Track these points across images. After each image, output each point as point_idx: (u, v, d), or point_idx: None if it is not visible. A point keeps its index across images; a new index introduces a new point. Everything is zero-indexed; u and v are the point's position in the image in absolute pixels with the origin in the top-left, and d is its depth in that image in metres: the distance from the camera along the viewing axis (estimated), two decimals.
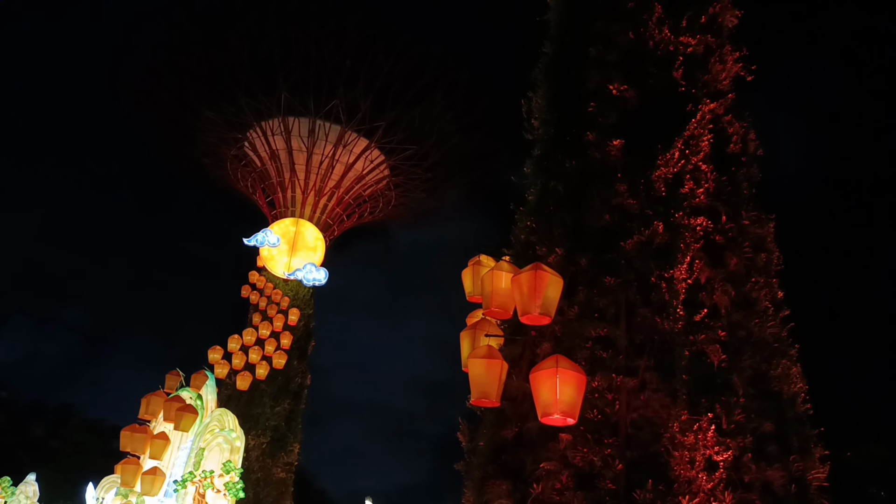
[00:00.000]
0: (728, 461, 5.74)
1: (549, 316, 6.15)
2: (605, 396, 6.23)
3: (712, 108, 7.82)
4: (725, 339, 6.51)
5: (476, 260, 8.34)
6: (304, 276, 32.02)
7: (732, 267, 7.02)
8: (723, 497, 5.56)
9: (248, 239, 31.85)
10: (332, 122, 32.85)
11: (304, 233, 33.01)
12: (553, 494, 6.06)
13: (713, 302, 6.68)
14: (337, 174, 33.89)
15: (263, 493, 27.56)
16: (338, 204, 34.59)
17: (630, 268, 6.83)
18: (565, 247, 7.28)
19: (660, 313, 6.50)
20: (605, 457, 5.97)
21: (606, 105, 7.96)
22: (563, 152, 8.09)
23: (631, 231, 6.98)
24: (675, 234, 6.91)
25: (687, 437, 5.80)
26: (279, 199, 34.26)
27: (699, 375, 6.25)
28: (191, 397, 20.61)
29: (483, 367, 6.66)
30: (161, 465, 19.23)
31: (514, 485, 6.56)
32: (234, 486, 20.15)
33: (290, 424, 30.07)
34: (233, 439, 21.00)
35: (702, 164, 7.39)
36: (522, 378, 6.74)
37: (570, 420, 5.72)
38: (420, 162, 34.57)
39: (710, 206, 7.26)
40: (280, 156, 33.68)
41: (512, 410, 7.00)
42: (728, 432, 5.94)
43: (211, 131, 33.55)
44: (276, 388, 29.83)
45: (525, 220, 8.23)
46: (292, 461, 29.89)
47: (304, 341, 31.96)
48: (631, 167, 7.41)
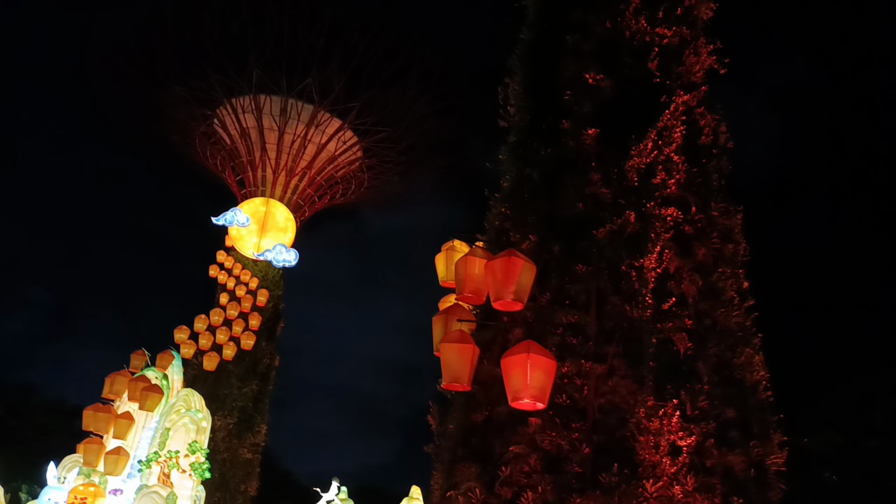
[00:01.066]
0: (691, 446, 5.91)
1: (521, 302, 6.21)
2: (575, 382, 6.34)
3: (685, 99, 7.93)
4: (692, 328, 6.66)
5: (450, 245, 8.37)
6: (274, 256, 31.71)
7: (700, 257, 7.17)
8: (685, 481, 5.73)
9: (216, 218, 31.37)
10: (305, 101, 32.41)
11: (275, 213, 32.64)
12: (521, 477, 6.17)
13: (681, 291, 6.82)
14: (309, 154, 33.51)
15: (230, 473, 27.46)
16: (309, 185, 34.24)
17: (602, 256, 6.93)
18: (539, 234, 7.34)
19: (629, 301, 6.62)
20: (572, 441, 6.09)
21: (582, 94, 8.01)
22: (539, 140, 8.13)
23: (603, 220, 7.07)
24: (646, 223, 7.03)
25: (652, 423, 5.94)
26: (249, 178, 33.77)
27: (666, 362, 6.39)
28: (156, 377, 20.35)
29: (455, 351, 6.71)
30: (125, 444, 18.97)
31: (483, 468, 6.66)
32: (200, 467, 20.02)
33: (257, 405, 29.92)
34: (199, 420, 20.83)
35: (674, 155, 7.50)
36: (493, 363, 6.81)
37: (539, 405, 5.81)
38: (393, 145, 34.35)
39: (681, 197, 7.38)
40: (251, 134, 33.15)
41: (482, 395, 7.08)
42: (692, 418, 6.11)
43: (180, 108, 32.82)
44: (243, 369, 29.61)
45: (499, 206, 8.28)
46: (259, 442, 29.78)
47: (272, 322, 31.73)
48: (605, 156, 7.49)
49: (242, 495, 28.35)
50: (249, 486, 28.89)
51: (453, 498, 6.79)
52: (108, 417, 18.53)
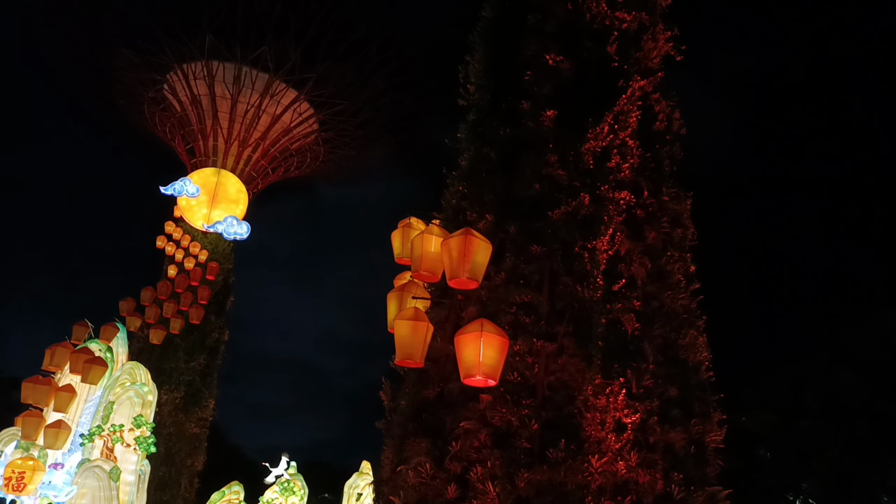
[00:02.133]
0: (636, 423, 6.10)
1: (476, 281, 6.26)
2: (526, 360, 6.45)
3: (642, 85, 8.05)
4: (640, 309, 6.85)
5: (406, 222, 8.34)
6: (225, 229, 31.01)
7: (651, 240, 7.34)
8: (629, 457, 5.92)
9: (165, 188, 30.42)
10: (260, 70, 31.54)
11: (226, 184, 31.83)
12: (471, 452, 6.27)
13: (631, 273, 6.99)
14: (263, 125, 32.72)
15: (176, 447, 27.04)
16: (263, 156, 33.48)
17: (556, 237, 7.03)
18: (495, 213, 7.39)
19: (581, 282, 6.74)
20: (522, 417, 6.21)
21: (542, 75, 8.05)
22: (498, 119, 8.15)
23: (559, 201, 7.16)
24: (600, 206, 7.15)
25: (599, 400, 6.11)
26: (200, 147, 32.79)
27: (613, 342, 6.56)
28: (100, 349, 19.79)
29: (409, 328, 6.73)
30: (66, 418, 18.45)
31: (433, 443, 6.73)
32: (145, 441, 19.64)
33: (205, 380, 29.44)
34: (144, 393, 20.38)
35: (629, 140, 7.63)
36: (447, 340, 6.86)
37: (491, 382, 5.90)
38: (350, 118, 33.83)
39: (634, 181, 7.53)
40: (202, 102, 32.13)
41: (435, 371, 7.14)
42: (637, 396, 6.30)
43: (128, 72, 31.52)
44: (191, 342, 29.03)
45: (457, 184, 8.28)
46: (207, 417, 29.37)
47: (222, 296, 31.14)
48: (562, 138, 7.56)
49: (189, 470, 27.96)
50: (196, 461, 28.52)
51: (403, 472, 6.86)
52: (48, 390, 17.95)
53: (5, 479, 16.57)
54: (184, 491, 27.50)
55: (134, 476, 19.47)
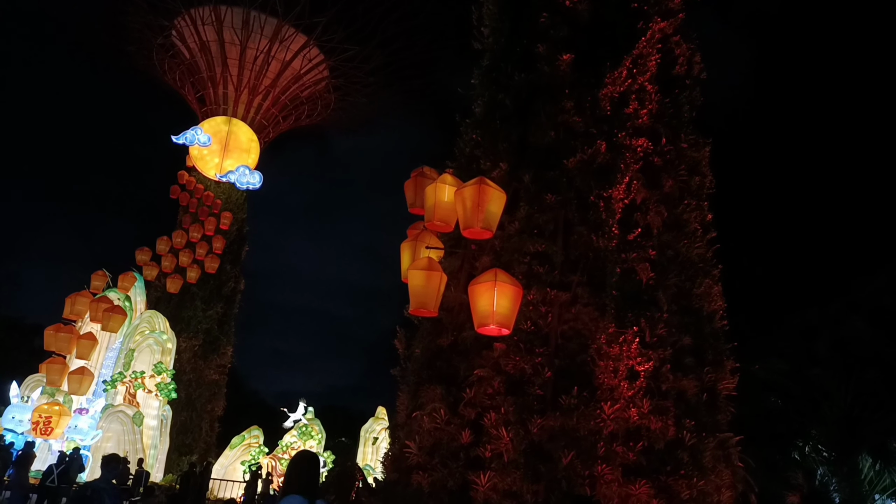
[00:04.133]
0: (648, 371, 6.12)
1: (490, 230, 6.21)
2: (539, 309, 6.45)
3: (662, 27, 7.76)
4: (655, 258, 6.78)
5: (419, 171, 8.23)
6: (238, 178, 31.02)
7: (667, 189, 7.21)
8: (641, 404, 5.97)
9: (176, 137, 30.34)
10: (269, 14, 30.92)
11: (238, 133, 31.66)
12: (485, 399, 6.35)
13: (646, 222, 6.89)
14: (273, 72, 32.26)
15: (196, 393, 27.81)
16: (273, 104, 33.15)
17: (571, 186, 6.92)
18: (509, 162, 7.27)
19: (595, 231, 6.67)
20: (535, 365, 6.25)
21: (558, 17, 7.78)
22: (512, 64, 7.93)
23: (574, 149, 7.02)
24: (617, 154, 7.00)
25: (612, 349, 6.12)
26: (210, 95, 32.49)
27: (628, 291, 6.53)
28: (119, 298, 20.18)
29: (422, 278, 6.73)
30: (89, 365, 18.97)
31: (447, 389, 6.82)
32: (165, 387, 20.23)
33: (222, 328, 30.01)
34: (164, 341, 20.85)
35: (647, 85, 7.41)
36: (460, 290, 6.86)
37: (504, 330, 5.92)
38: (361, 65, 33.26)
39: (652, 128, 7.34)
40: (211, 48, 31.66)
41: (448, 320, 7.17)
42: (650, 344, 6.30)
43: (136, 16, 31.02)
44: (208, 291, 29.49)
45: (470, 132, 8.13)
46: (225, 363, 30.07)
47: (237, 245, 31.43)
48: (579, 84, 7.35)
49: (209, 415, 28.83)
50: (216, 406, 29.36)
51: (418, 418, 6.98)
52: (69, 338, 18.40)
53: (33, 424, 17.18)
54: (205, 435, 28.41)
55: (156, 421, 20.13)
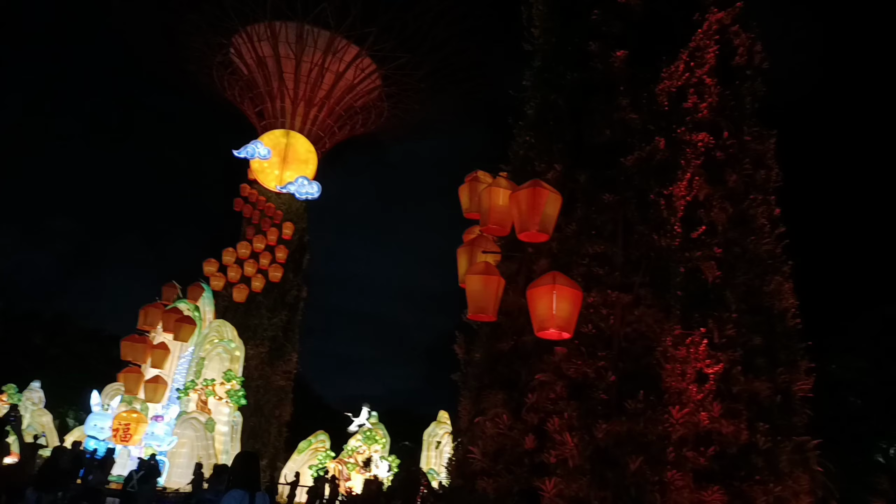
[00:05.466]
0: (718, 373, 5.92)
1: (547, 233, 6.14)
2: (600, 311, 6.33)
3: (720, 17, 7.52)
4: (721, 256, 6.55)
5: (473, 176, 8.23)
6: (297, 189, 31.79)
7: (731, 184, 6.97)
8: (711, 407, 5.77)
9: (238, 151, 31.33)
10: (322, 27, 31.58)
11: (296, 145, 32.46)
12: (547, 404, 6.27)
13: (711, 219, 6.68)
14: (327, 83, 32.92)
15: (264, 399, 28.57)
16: (329, 115, 33.81)
17: (629, 184, 6.77)
18: (564, 163, 7.18)
19: (657, 230, 6.50)
20: (598, 368, 6.13)
21: (610, 13, 7.64)
22: (565, 63, 7.83)
23: (632, 147, 6.87)
24: (676, 149, 6.82)
25: (679, 351, 5.94)
26: (268, 109, 33.42)
27: (693, 291, 6.33)
28: (188, 309, 20.96)
29: (480, 283, 6.72)
30: (163, 373, 19.79)
31: (509, 394, 6.78)
32: (235, 394, 20.89)
33: (287, 334, 30.79)
34: (232, 349, 21.53)
35: (706, 78, 7.19)
36: (519, 293, 6.81)
37: (565, 334, 5.84)
38: (413, 71, 33.55)
39: (713, 122, 7.12)
40: (267, 63, 32.56)
41: (508, 324, 7.12)
42: (719, 346, 6.09)
43: (196, 36, 32.23)
44: (272, 299, 30.32)
45: (524, 134, 8.08)
46: (291, 369, 30.82)
47: (298, 254, 32.19)
48: (634, 80, 7.20)
49: (277, 420, 29.61)
50: (283, 412, 30.12)
51: (481, 423, 6.96)
52: (144, 348, 19.25)
53: (113, 431, 18.04)
54: (273, 440, 29.18)
55: (227, 427, 20.81)
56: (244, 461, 5.25)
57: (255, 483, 5.11)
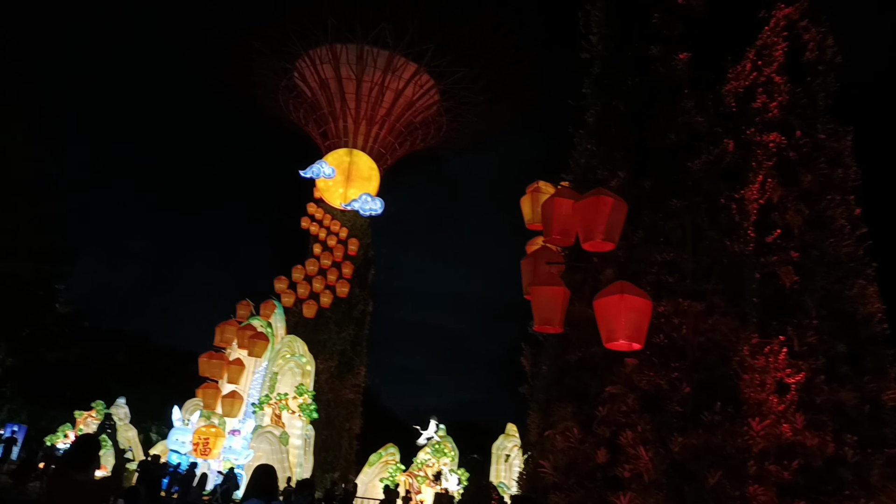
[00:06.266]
0: (800, 383, 5.67)
1: (612, 242, 6.04)
2: (672, 320, 6.17)
3: (787, 13, 7.27)
4: (798, 260, 6.29)
5: (534, 187, 8.20)
6: (361, 206, 32.44)
7: (806, 184, 6.70)
8: (794, 418, 5.53)
9: (304, 171, 32.27)
10: (381, 47, 32.23)
11: (358, 163, 33.17)
12: (619, 416, 6.14)
13: (785, 222, 6.43)
14: (387, 101, 33.54)
15: (334, 412, 29.12)
16: (390, 132, 34.41)
17: (698, 189, 6.59)
18: (628, 169, 7.07)
19: (729, 235, 6.30)
20: (671, 380, 5.97)
21: (671, 16, 7.50)
22: (625, 69, 7.73)
23: (699, 150, 6.70)
24: (746, 151, 6.61)
25: (757, 360, 5.73)
26: (331, 129, 34.31)
27: (770, 298, 6.10)
28: (261, 325, 21.64)
29: (545, 294, 6.67)
30: (239, 389, 20.49)
31: (579, 407, 6.67)
32: (307, 408, 21.39)
33: (355, 348, 31.34)
34: (303, 364, 22.08)
35: (775, 76, 6.96)
36: (585, 304, 6.72)
37: (635, 345, 5.70)
38: (471, 85, 33.77)
39: (784, 121, 6.87)
40: (330, 84, 33.47)
41: (575, 336, 7.03)
42: (800, 354, 5.84)
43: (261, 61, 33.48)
44: (340, 314, 30.96)
45: (584, 142, 8.00)
46: (359, 383, 31.33)
47: (364, 269, 32.78)
48: (698, 82, 7.03)
49: (347, 433, 30.12)
50: (353, 425, 30.61)
51: (551, 437, 6.88)
52: (221, 364, 20.01)
53: (194, 445, 18.76)
54: (345, 452, 29.67)
55: (301, 440, 21.32)
56: (262, 474, 5.51)
57: (272, 493, 5.39)
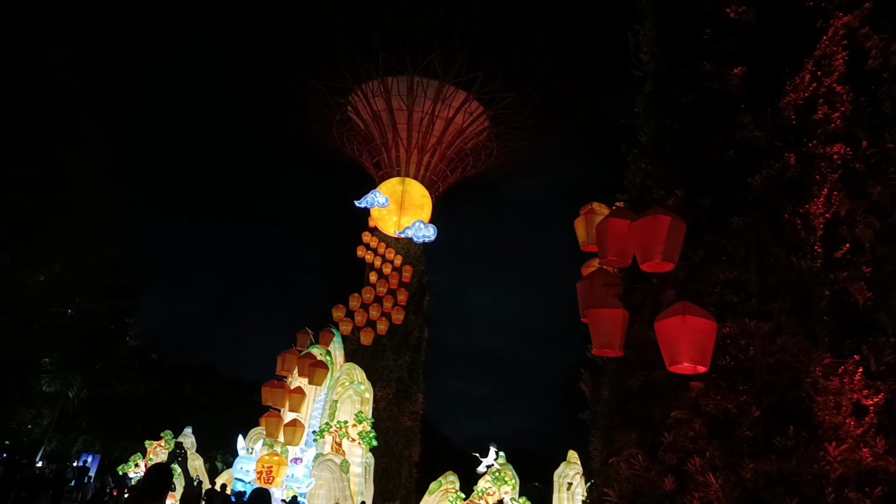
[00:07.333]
0: (879, 405, 5.37)
1: (672, 262, 5.91)
2: (738, 342, 5.96)
3: (846, 21, 7.05)
4: (870, 275, 6.00)
5: (588, 208, 8.14)
6: (414, 233, 32.78)
7: (876, 196, 6.41)
8: (874, 443, 5.23)
9: (358, 201, 32.90)
10: (430, 77, 32.80)
11: (411, 191, 33.62)
12: (686, 443, 5.94)
13: (855, 236, 6.16)
14: (438, 130, 34.01)
15: (393, 440, 29.13)
16: (441, 160, 34.80)
17: (759, 205, 6.40)
18: (685, 188, 6.93)
19: (795, 252, 6.07)
20: (740, 403, 5.75)
21: (723, 31, 7.38)
22: (678, 86, 7.63)
23: (758, 166, 6.51)
24: (809, 165, 6.39)
25: (831, 382, 5.46)
26: (384, 159, 34.96)
27: (842, 316, 5.82)
28: (321, 353, 21.95)
29: (603, 317, 6.56)
30: (300, 417, 20.76)
31: (642, 433, 6.49)
32: (367, 435, 21.48)
33: (412, 375, 31.39)
34: (362, 391, 22.24)
35: (836, 86, 6.73)
36: (645, 326, 6.58)
37: (700, 368, 5.53)
38: (520, 110, 33.92)
39: (848, 131, 6.62)
40: (382, 116, 34.20)
41: (636, 359, 6.87)
42: (877, 374, 5.54)
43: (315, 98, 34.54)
44: (396, 341, 31.14)
45: (639, 162, 7.90)
46: (417, 410, 31.30)
47: (418, 296, 32.96)
48: (755, 96, 6.87)
49: (407, 461, 30.04)
50: (412, 452, 30.53)
51: (615, 464, 6.70)
52: (282, 393, 20.34)
53: (257, 473, 19.05)
54: (404, 481, 29.56)
55: (361, 468, 21.38)
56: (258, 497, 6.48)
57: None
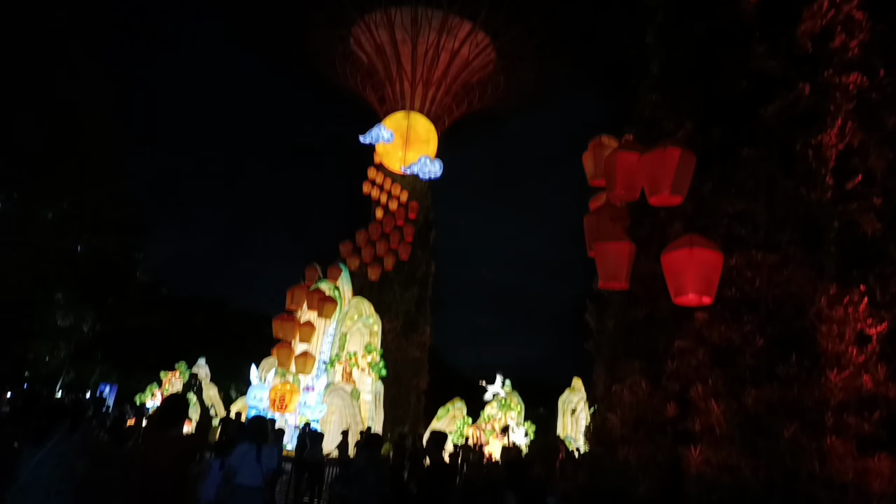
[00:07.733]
0: (882, 333, 5.46)
1: (681, 195, 5.93)
2: (744, 273, 6.03)
3: None
4: (881, 207, 5.99)
5: (597, 141, 8.05)
6: (420, 168, 32.54)
7: (891, 127, 6.30)
8: (875, 370, 5.35)
9: (363, 137, 32.51)
10: (435, 7, 31.78)
11: (416, 125, 33.14)
12: (689, 371, 6.10)
13: (867, 167, 6.10)
14: (443, 63, 33.21)
15: (402, 370, 29.89)
16: (446, 93, 34.14)
17: (771, 137, 6.33)
18: (695, 119, 6.85)
19: (805, 184, 6.05)
20: (744, 333, 5.87)
21: None
22: (690, 15, 7.43)
23: (771, 96, 6.41)
24: (823, 95, 6.27)
25: (836, 311, 5.55)
26: (388, 93, 34.30)
27: (850, 247, 5.85)
28: (329, 288, 22.27)
29: (610, 250, 6.63)
30: (310, 348, 21.30)
31: (646, 363, 6.66)
32: (376, 365, 22.08)
33: (419, 308, 31.90)
34: (370, 324, 22.70)
35: (855, 12, 6.53)
36: (652, 259, 6.64)
37: (706, 299, 5.63)
38: (526, 41, 32.96)
39: (865, 60, 6.46)
40: (385, 49, 33.34)
41: (641, 292, 6.97)
42: (882, 304, 5.60)
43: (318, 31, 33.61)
44: (403, 276, 31.50)
45: (649, 94, 7.78)
46: (425, 341, 31.97)
47: (425, 232, 33.08)
48: (769, 25, 6.69)
49: (415, 389, 30.95)
50: (420, 381, 31.40)
51: (618, 391, 6.91)
52: (293, 326, 20.77)
53: (271, 401, 19.69)
54: (413, 407, 30.55)
55: (371, 395, 22.09)
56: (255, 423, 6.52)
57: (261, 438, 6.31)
